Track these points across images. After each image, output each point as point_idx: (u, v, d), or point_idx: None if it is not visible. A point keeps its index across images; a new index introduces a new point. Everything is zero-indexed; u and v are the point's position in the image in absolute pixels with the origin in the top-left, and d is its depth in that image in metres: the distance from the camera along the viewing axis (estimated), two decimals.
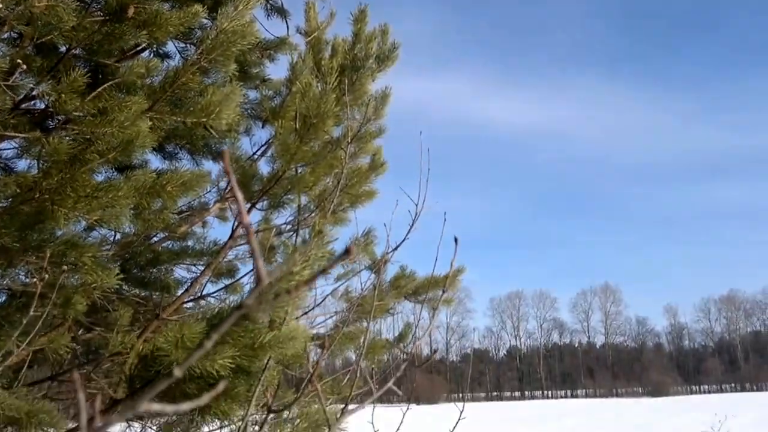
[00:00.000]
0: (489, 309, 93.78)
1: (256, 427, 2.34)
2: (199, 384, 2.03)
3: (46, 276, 1.72)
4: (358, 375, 2.40)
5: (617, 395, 77.88)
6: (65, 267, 1.87)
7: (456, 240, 1.19)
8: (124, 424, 3.41)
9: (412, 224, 2.69)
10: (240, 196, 0.52)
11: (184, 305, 3.13)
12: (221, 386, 1.90)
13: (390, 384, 1.36)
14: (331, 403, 2.62)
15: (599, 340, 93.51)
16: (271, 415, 2.25)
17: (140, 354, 1.84)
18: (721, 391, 79.62)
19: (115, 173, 2.68)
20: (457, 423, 2.80)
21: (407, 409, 2.60)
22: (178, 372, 0.44)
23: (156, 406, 0.52)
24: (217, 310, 1.97)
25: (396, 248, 2.89)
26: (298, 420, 2.20)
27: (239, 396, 2.11)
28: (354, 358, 4.44)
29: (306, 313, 3.38)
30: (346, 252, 0.45)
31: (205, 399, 1.41)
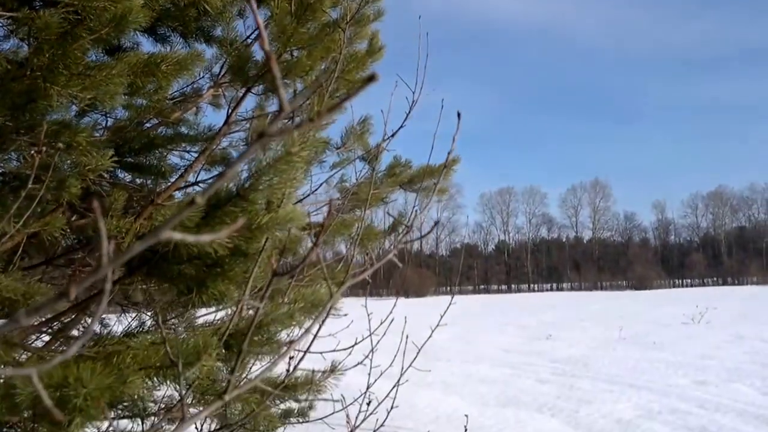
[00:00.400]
0: (479, 204, 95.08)
1: (251, 311, 2.41)
2: (196, 265, 2.06)
3: (40, 156, 1.70)
4: (351, 261, 2.45)
5: (602, 288, 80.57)
6: (60, 145, 1.84)
7: (459, 115, 1.17)
8: (118, 313, 3.50)
9: (410, 111, 2.66)
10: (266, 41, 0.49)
11: (178, 192, 3.13)
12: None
13: (390, 256, 1.37)
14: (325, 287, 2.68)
15: (587, 235, 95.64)
16: (267, 300, 2.31)
17: (137, 234, 1.86)
18: (704, 285, 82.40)
19: (107, 57, 2.60)
20: (447, 309, 2.91)
21: (397, 299, 2.67)
22: (200, 199, 0.44)
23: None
24: (214, 190, 1.96)
25: (393, 135, 2.87)
26: (294, 303, 2.25)
27: (236, 277, 2.14)
28: (347, 249, 4.53)
29: (301, 200, 3.40)
30: (370, 78, 0.44)
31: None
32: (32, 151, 1.79)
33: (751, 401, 8.71)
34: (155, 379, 1.58)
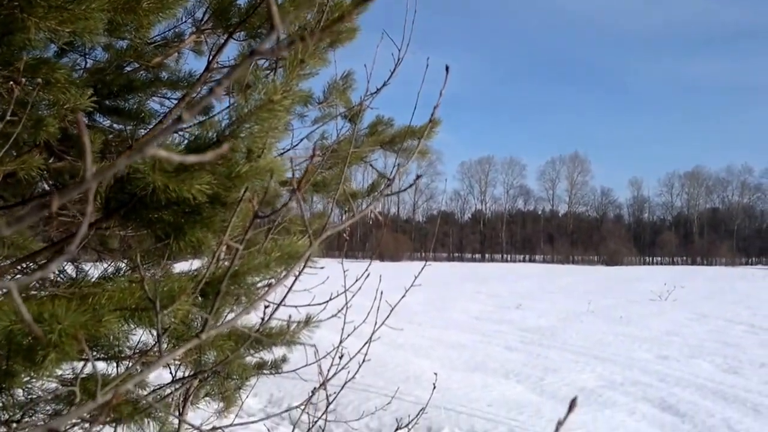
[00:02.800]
0: (458, 173, 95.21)
1: (227, 262, 2.40)
2: (174, 211, 2.04)
3: (19, 88, 1.66)
4: (330, 215, 2.45)
5: (574, 262, 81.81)
6: (39, 80, 1.80)
7: (447, 69, 1.17)
8: (94, 259, 3.47)
9: (395, 68, 2.63)
10: None
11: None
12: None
13: (369, 207, 1.38)
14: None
15: (562, 209, 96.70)
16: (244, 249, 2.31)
17: (116, 175, 1.83)
18: (674, 263, 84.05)
19: None
20: (421, 270, 2.93)
21: (371, 261, 2.69)
22: (186, 115, 0.43)
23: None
24: (195, 136, 1.94)
25: (377, 92, 2.84)
26: (271, 253, 2.25)
27: (214, 226, 2.13)
28: (325, 206, 4.53)
29: (281, 154, 3.38)
30: None
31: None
32: (9, 83, 1.75)
33: (710, 377, 8.99)
34: (131, 321, 1.58)
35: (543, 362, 9.89)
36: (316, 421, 2.62)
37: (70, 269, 3.03)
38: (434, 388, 3.13)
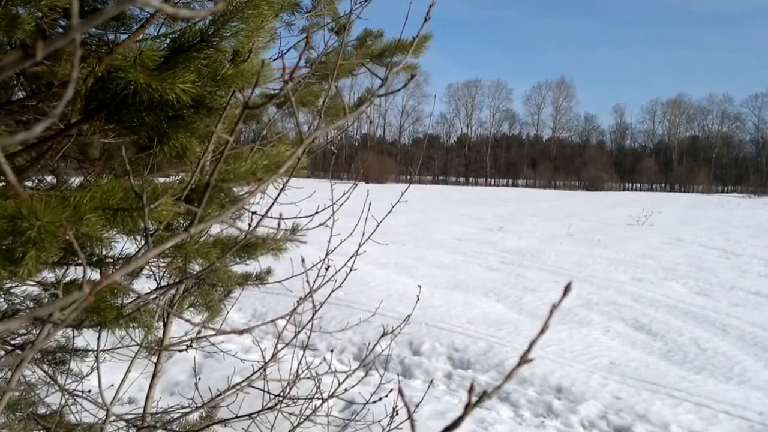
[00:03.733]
0: (445, 95, 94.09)
1: (209, 167, 2.36)
2: (157, 114, 1.98)
3: None
4: (317, 126, 2.39)
5: (555, 187, 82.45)
6: None
7: None
8: (74, 167, 3.39)
9: None
10: None
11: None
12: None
13: (365, 108, 1.33)
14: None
15: (546, 134, 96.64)
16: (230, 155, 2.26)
17: (96, 75, 1.75)
18: (653, 190, 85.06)
19: None
20: (406, 189, 2.91)
21: (356, 183, 2.66)
22: None
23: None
24: (179, 33, 1.85)
25: (367, 1, 2.72)
26: (258, 162, 2.21)
27: (198, 131, 2.08)
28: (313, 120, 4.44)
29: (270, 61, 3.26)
30: None
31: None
32: None
33: (682, 299, 9.27)
34: (113, 222, 1.54)
35: (522, 282, 10.11)
36: (299, 331, 2.65)
37: (49, 178, 2.97)
38: (418, 299, 3.18)
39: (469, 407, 0.45)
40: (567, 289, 0.64)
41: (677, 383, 5.52)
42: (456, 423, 0.46)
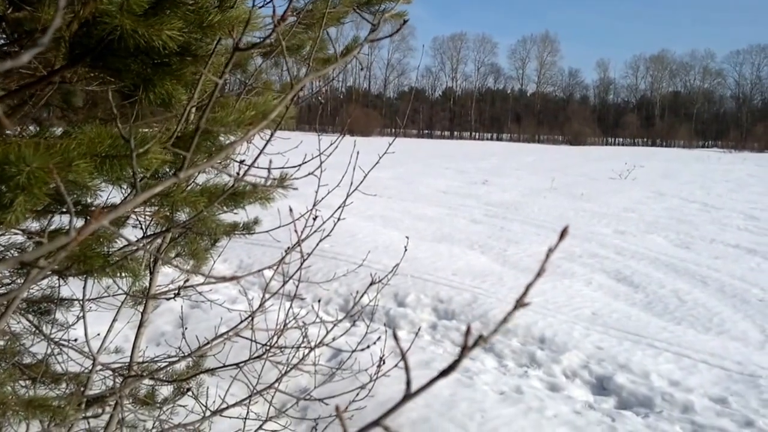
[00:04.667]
0: (431, 49, 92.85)
1: (195, 114, 2.32)
2: (143, 61, 1.93)
3: None
4: (308, 71, 2.35)
5: (539, 141, 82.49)
6: None
7: None
8: (58, 116, 3.33)
9: None
10: None
11: None
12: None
13: (357, 52, 1.31)
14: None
15: (531, 88, 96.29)
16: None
17: (81, 19, 1.70)
18: (635, 144, 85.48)
19: None
20: (391, 143, 2.90)
21: (343, 134, 2.63)
22: None
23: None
24: None
25: None
26: (245, 111, 2.18)
27: (185, 78, 2.03)
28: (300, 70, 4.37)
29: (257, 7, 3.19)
30: None
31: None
32: None
33: (663, 251, 9.43)
34: (101, 169, 1.52)
35: (506, 234, 10.20)
36: (287, 281, 2.66)
37: (32, 128, 2.92)
38: (406, 250, 3.20)
39: (465, 350, 0.46)
40: (563, 233, 0.65)
41: (658, 334, 5.66)
42: (453, 366, 0.46)
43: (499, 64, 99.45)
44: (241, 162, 1.89)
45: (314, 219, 2.58)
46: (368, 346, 2.83)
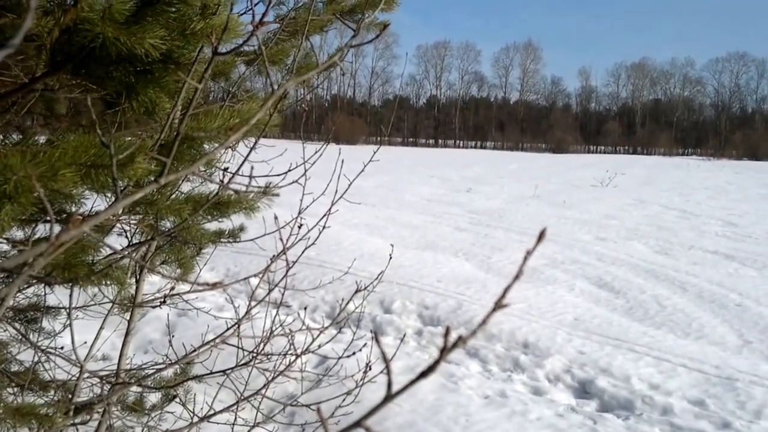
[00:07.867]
0: (415, 56, 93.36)
1: (177, 122, 2.33)
2: (126, 69, 1.94)
3: None
4: (289, 79, 2.38)
5: (522, 149, 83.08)
6: None
7: None
8: (41, 124, 3.31)
9: None
10: None
11: None
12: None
13: (336, 59, 1.34)
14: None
15: (514, 96, 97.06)
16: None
17: (62, 26, 1.71)
18: (616, 152, 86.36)
19: None
20: (376, 151, 2.92)
21: (327, 142, 2.66)
22: None
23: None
24: None
25: None
26: (229, 119, 2.19)
27: (168, 86, 2.05)
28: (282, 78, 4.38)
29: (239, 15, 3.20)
30: None
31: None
32: None
33: (644, 258, 9.53)
34: (86, 179, 1.53)
35: (490, 242, 10.26)
36: (273, 288, 2.67)
37: (15, 135, 2.90)
38: (391, 258, 3.22)
39: (444, 351, 0.47)
40: (541, 236, 0.67)
41: (638, 338, 5.72)
42: (432, 367, 0.48)
43: (482, 72, 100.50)
44: (225, 170, 1.91)
45: (299, 227, 2.59)
46: (354, 353, 2.84)
